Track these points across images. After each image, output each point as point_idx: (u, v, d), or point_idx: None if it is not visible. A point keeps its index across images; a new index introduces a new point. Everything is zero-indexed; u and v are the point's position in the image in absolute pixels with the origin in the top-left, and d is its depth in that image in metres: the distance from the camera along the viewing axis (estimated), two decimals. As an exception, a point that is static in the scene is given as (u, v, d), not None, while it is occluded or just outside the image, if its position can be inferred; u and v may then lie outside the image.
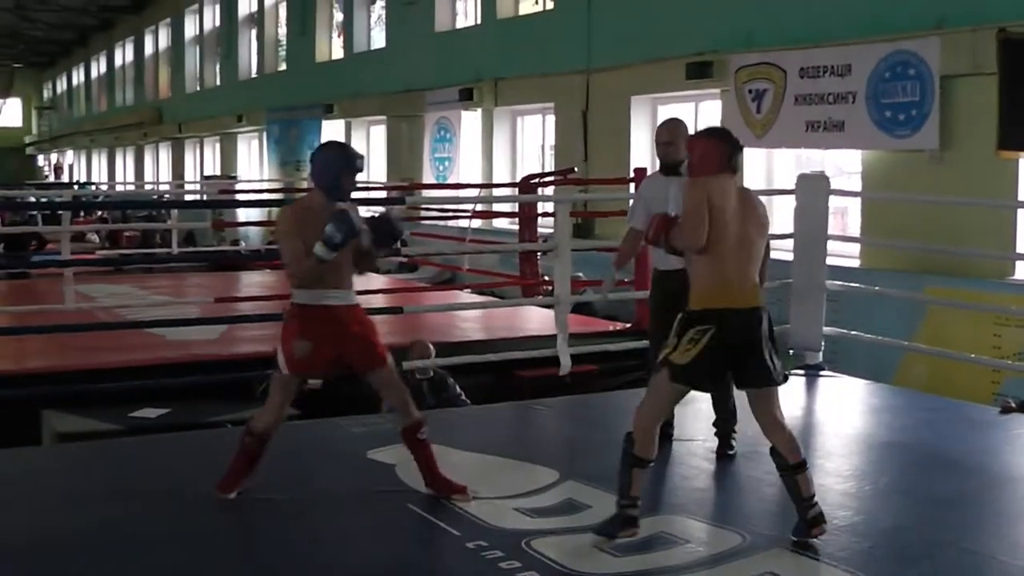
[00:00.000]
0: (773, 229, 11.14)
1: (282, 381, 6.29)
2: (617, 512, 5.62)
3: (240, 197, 29.64)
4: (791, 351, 10.22)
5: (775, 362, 5.57)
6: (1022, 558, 5.57)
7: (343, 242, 5.98)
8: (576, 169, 17.27)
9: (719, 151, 5.75)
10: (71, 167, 60.48)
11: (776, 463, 5.66)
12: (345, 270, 6.23)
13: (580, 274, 13.09)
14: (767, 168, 15.59)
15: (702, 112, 16.91)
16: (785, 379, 5.66)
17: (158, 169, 44.21)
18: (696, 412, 8.89)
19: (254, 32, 34.53)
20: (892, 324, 11.92)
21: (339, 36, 29.07)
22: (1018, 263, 12.03)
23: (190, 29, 39.99)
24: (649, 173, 7.72)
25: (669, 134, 7.50)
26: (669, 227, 5.74)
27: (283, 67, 32.57)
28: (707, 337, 5.43)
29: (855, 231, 14.14)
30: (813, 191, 9.95)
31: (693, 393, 5.91)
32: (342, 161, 6.18)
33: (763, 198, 15.13)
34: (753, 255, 5.68)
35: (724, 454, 7.36)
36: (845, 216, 14.92)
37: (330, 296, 6.18)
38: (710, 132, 6.08)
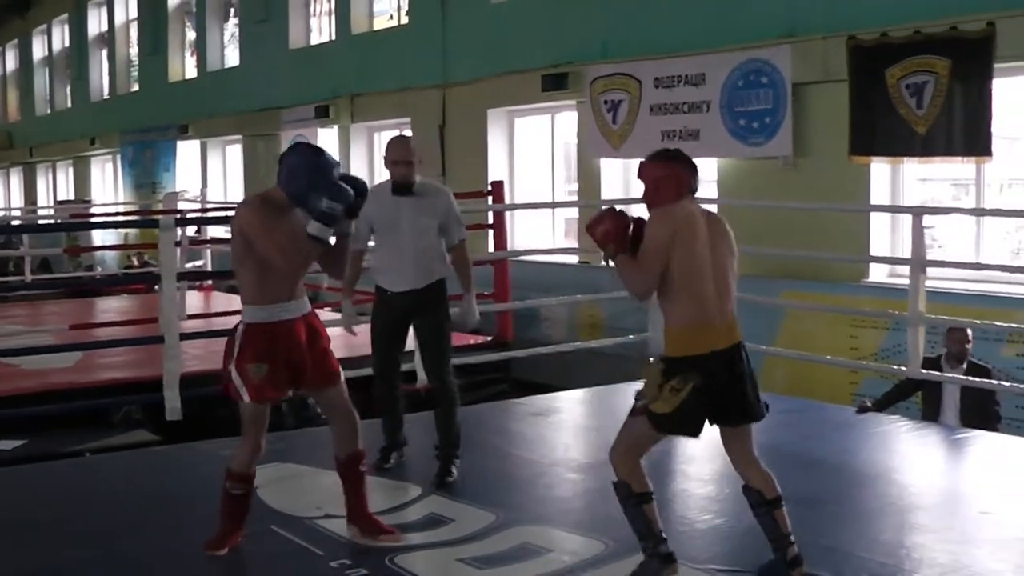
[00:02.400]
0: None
1: (250, 414, 5.68)
2: (651, 556, 5.30)
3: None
4: (651, 359, 10.27)
5: (757, 396, 5.28)
6: (879, 554, 5.65)
7: (348, 211, 5.51)
8: (434, 184, 17.23)
9: (675, 174, 5.38)
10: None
11: (751, 500, 5.36)
12: (301, 273, 5.67)
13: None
14: (625, 179, 15.66)
15: (559, 124, 16.97)
16: (767, 409, 5.36)
17: (9, 195, 43.32)
18: (559, 422, 8.93)
19: (105, 52, 33.98)
20: (751, 329, 11.93)
21: (192, 55, 28.73)
22: (872, 266, 12.22)
23: (39, 50, 39.25)
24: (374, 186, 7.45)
25: (405, 153, 7.14)
26: (620, 239, 5.27)
27: (136, 88, 32.10)
28: (689, 387, 5.08)
29: (714, 238, 14.25)
30: (669, 199, 9.99)
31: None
32: (313, 171, 5.46)
33: (619, 208, 15.16)
34: (730, 285, 5.36)
35: (443, 482, 7.06)
36: (703, 224, 15.04)
37: (288, 309, 5.65)
38: (663, 155, 5.54)
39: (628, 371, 11.55)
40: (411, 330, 7.34)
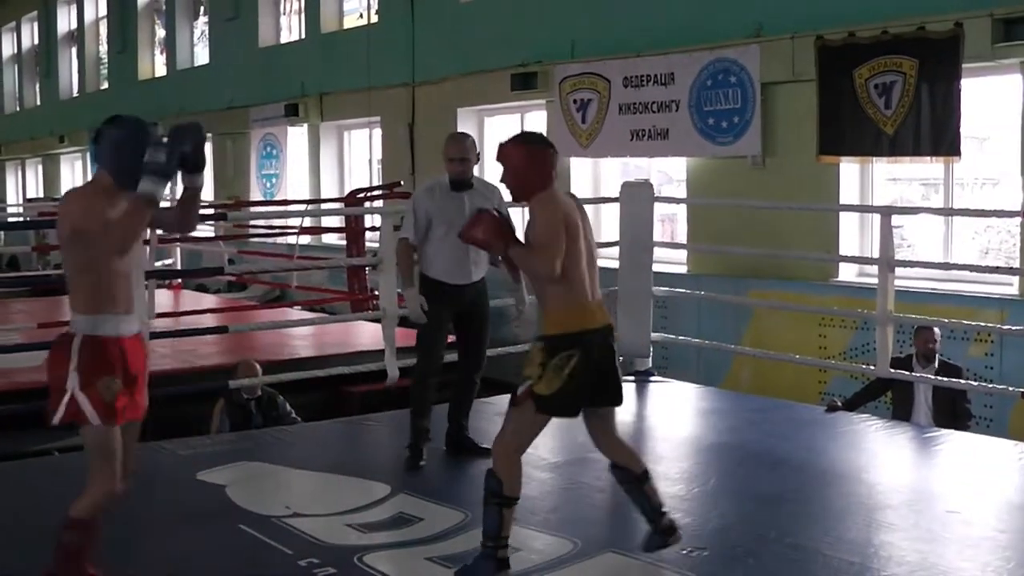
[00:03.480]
0: (600, 238, 11.13)
1: (102, 439, 4.92)
2: (486, 553, 5.26)
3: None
4: (620, 358, 10.28)
5: (619, 381, 5.41)
6: (845, 552, 5.66)
7: (185, 160, 4.87)
8: (403, 183, 17.20)
9: (546, 157, 5.36)
10: None
11: (619, 477, 5.50)
12: (134, 280, 5.04)
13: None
14: (594, 177, 15.69)
15: (528, 123, 16.96)
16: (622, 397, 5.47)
17: (-23, 193, 43.16)
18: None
19: (74, 50, 33.84)
20: (720, 328, 12.09)
21: (162, 53, 28.65)
22: (841, 265, 12.25)
23: (7, 48, 39.05)
24: (429, 183, 7.56)
25: (461, 150, 7.45)
26: (505, 233, 5.31)
27: (105, 86, 31.97)
28: (573, 363, 5.15)
29: (684, 237, 14.30)
30: (637, 199, 10.03)
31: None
32: (140, 139, 4.85)
33: (589, 207, 15.25)
34: (596, 268, 5.40)
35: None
36: (674, 223, 15.09)
37: (128, 322, 4.99)
38: (528, 137, 5.49)
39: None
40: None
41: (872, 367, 9.14)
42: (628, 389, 9.62)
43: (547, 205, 5.23)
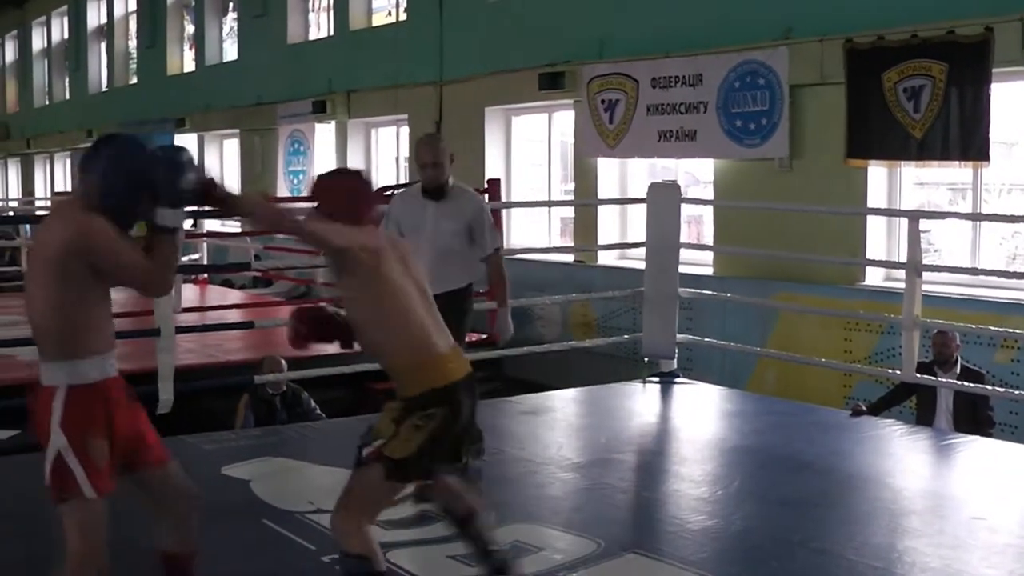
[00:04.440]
0: (626, 239, 11.08)
1: (92, 516, 4.25)
2: None
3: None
4: (646, 359, 10.30)
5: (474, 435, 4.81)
6: (869, 557, 5.64)
7: (195, 187, 4.27)
8: (430, 181, 17.24)
9: (367, 193, 4.78)
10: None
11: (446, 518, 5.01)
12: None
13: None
14: (620, 178, 15.66)
15: (556, 123, 16.97)
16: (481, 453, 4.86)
17: (7, 186, 43.26)
18: (551, 421, 8.91)
19: (103, 45, 33.94)
20: (745, 331, 12.07)
21: (190, 48, 28.69)
22: (867, 269, 12.21)
23: (38, 42, 39.19)
24: (406, 188, 7.30)
25: (434, 154, 6.91)
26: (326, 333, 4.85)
27: (134, 80, 32.07)
28: (435, 423, 4.48)
29: (710, 239, 14.28)
30: (664, 200, 10.02)
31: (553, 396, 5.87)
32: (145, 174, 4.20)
33: (616, 207, 15.18)
34: (436, 313, 4.74)
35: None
36: (700, 224, 15.07)
37: (110, 361, 4.34)
38: (345, 173, 5.02)
39: (621, 371, 11.59)
40: None
41: (897, 372, 9.11)
42: (653, 390, 9.70)
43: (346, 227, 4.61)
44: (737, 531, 6.07)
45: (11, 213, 27.82)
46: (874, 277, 12.25)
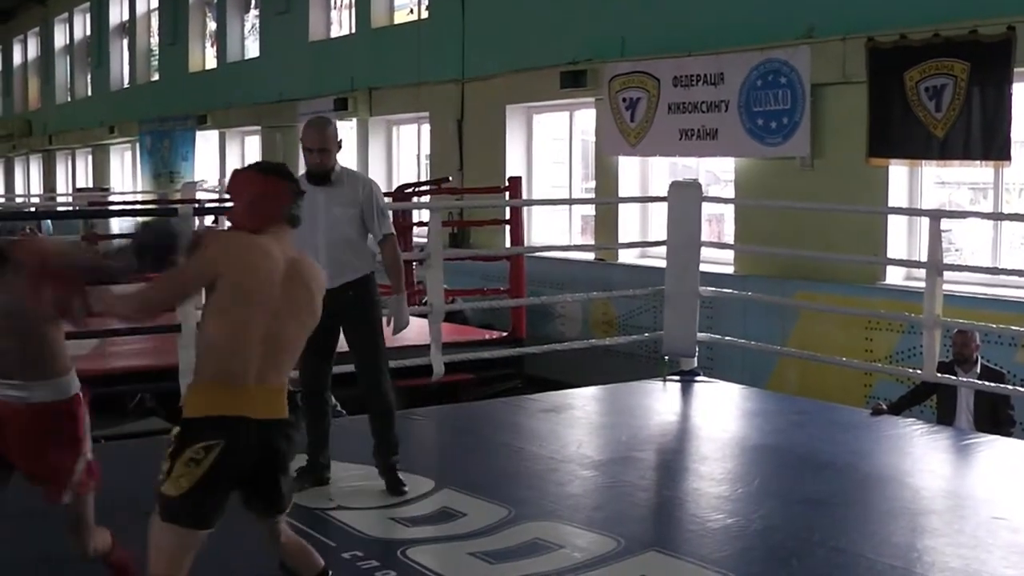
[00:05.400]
0: (647, 237, 11.12)
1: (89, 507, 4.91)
2: None
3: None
4: (666, 357, 10.30)
5: (290, 486, 4.45)
6: (889, 556, 5.65)
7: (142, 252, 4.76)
8: (451, 178, 17.27)
9: (277, 194, 4.44)
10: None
11: None
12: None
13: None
14: (642, 176, 15.66)
15: (577, 121, 16.98)
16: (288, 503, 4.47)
17: (29, 182, 43.38)
18: (572, 419, 8.93)
19: (125, 42, 34.06)
20: (766, 329, 12.06)
21: (212, 45, 28.77)
22: (888, 268, 12.20)
23: (60, 39, 39.33)
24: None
25: (321, 139, 6.51)
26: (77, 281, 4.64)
27: (155, 77, 32.15)
28: (211, 457, 4.07)
29: (731, 238, 14.26)
30: (685, 198, 10.03)
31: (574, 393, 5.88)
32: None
33: (637, 205, 15.14)
34: (287, 348, 4.33)
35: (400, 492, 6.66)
36: (721, 223, 15.05)
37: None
38: (269, 168, 4.61)
39: (641, 369, 11.60)
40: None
41: (918, 371, 9.10)
42: (673, 388, 9.71)
43: (210, 245, 4.37)
44: (757, 530, 6.07)
45: (32, 209, 27.88)
46: (895, 276, 12.23)
